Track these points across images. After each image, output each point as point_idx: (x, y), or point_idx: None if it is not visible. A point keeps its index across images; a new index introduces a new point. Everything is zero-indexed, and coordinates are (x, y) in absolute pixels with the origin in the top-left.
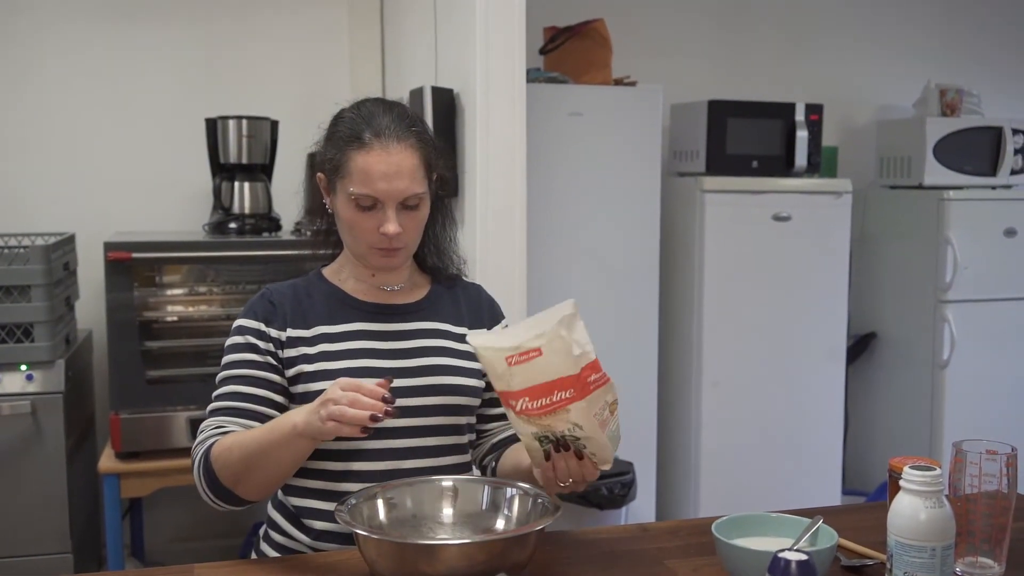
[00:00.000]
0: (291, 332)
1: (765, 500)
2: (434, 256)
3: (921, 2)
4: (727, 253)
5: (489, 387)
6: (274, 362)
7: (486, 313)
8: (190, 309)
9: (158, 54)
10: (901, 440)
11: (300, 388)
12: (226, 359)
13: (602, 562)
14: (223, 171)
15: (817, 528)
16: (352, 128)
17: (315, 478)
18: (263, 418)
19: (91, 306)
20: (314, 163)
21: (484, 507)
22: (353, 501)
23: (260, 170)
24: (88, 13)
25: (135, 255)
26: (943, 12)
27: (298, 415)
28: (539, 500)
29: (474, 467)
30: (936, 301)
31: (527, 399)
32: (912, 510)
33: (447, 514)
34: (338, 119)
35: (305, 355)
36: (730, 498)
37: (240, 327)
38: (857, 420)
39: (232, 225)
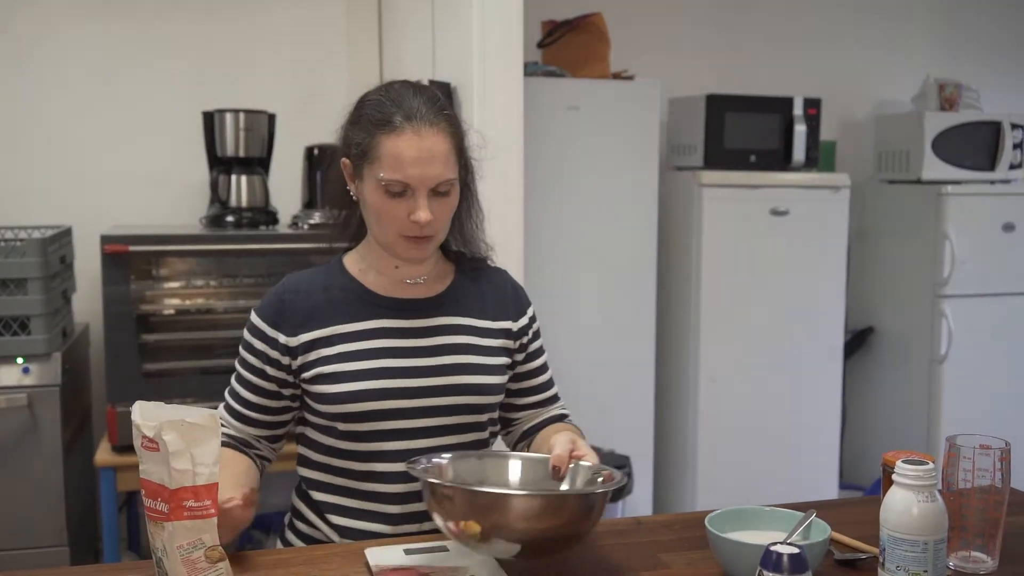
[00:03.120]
0: (304, 336)
1: (762, 494)
2: (460, 244)
3: None
4: (725, 247)
5: (514, 378)
6: (269, 370)
7: (511, 302)
8: (187, 302)
9: (155, 47)
10: (898, 435)
11: (318, 388)
12: (240, 356)
13: (596, 555)
14: (220, 164)
15: (810, 522)
16: (382, 111)
17: (338, 475)
18: (253, 422)
19: (88, 299)
20: (336, 147)
21: (545, 476)
22: (424, 463)
23: (257, 163)
24: (85, 6)
25: (132, 248)
26: (942, 6)
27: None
28: (601, 472)
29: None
30: (934, 296)
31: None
32: (905, 504)
33: (513, 481)
34: (365, 102)
35: (323, 357)
36: (727, 492)
37: (250, 323)
38: (854, 415)
39: (229, 218)
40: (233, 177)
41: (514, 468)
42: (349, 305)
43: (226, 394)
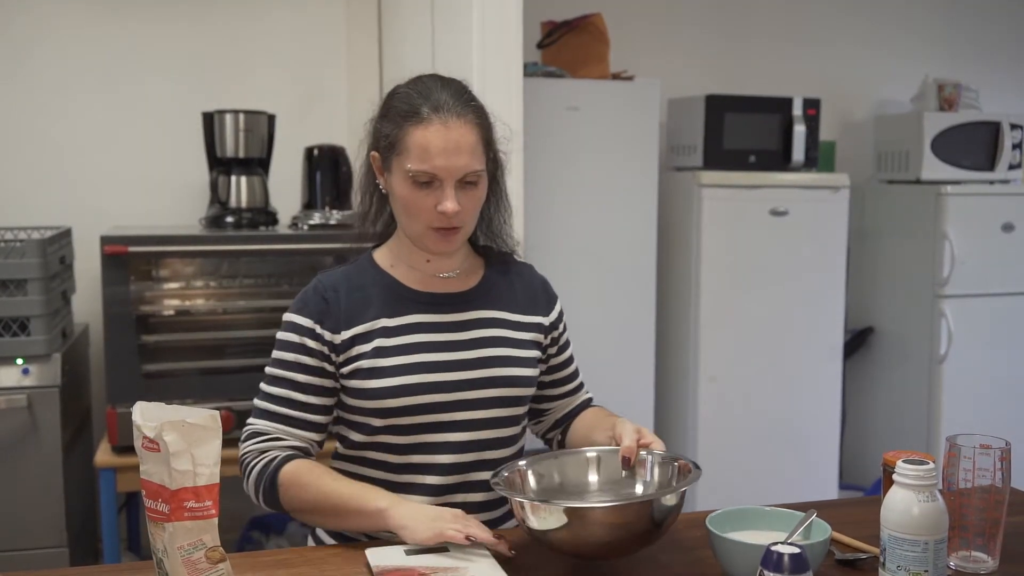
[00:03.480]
0: (346, 333)
1: (762, 495)
2: (488, 238)
3: None
4: (724, 248)
5: (547, 371)
6: (328, 367)
7: (541, 296)
8: (187, 303)
9: (155, 48)
10: (898, 435)
11: (357, 384)
12: (278, 355)
13: None
14: (220, 165)
15: (811, 522)
16: (409, 103)
17: (376, 468)
18: (315, 426)
19: (88, 300)
20: (366, 142)
21: (625, 475)
22: (505, 473)
23: (257, 164)
24: (85, 7)
25: (131, 249)
26: (941, 6)
27: (386, 501)
28: (676, 463)
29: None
30: (933, 296)
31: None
32: (905, 504)
33: (592, 482)
34: (393, 95)
35: (362, 352)
36: (727, 492)
37: (294, 324)
38: (854, 415)
39: (229, 219)
40: (233, 178)
41: (592, 467)
42: (385, 301)
43: (271, 407)
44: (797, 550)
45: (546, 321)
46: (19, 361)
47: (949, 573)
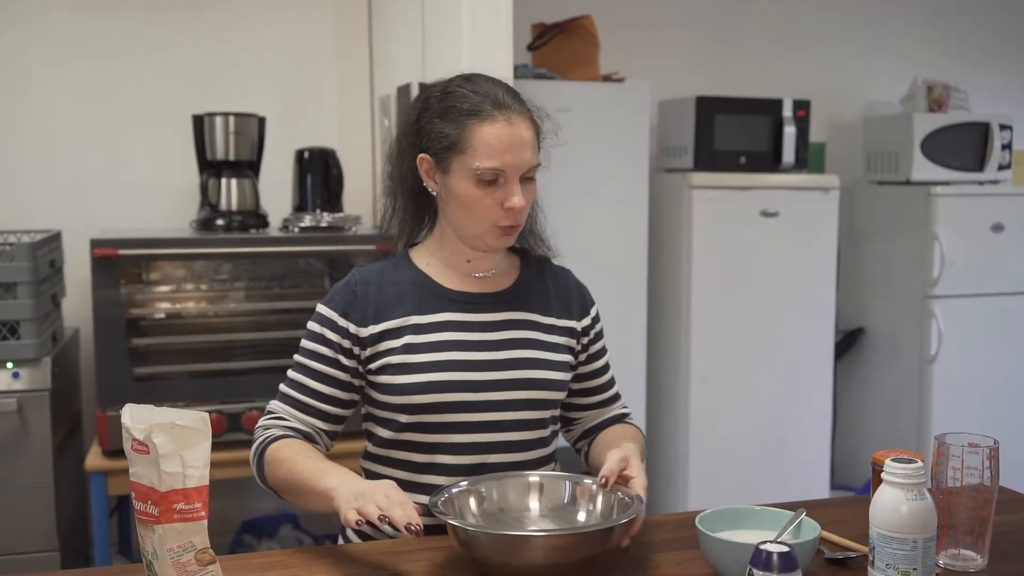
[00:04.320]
0: (374, 328)
1: (754, 495)
2: (522, 238)
3: None
4: (715, 249)
5: (577, 378)
6: (343, 359)
7: (575, 301)
8: (177, 306)
9: (144, 51)
10: (889, 435)
11: (384, 379)
12: (302, 344)
13: None
14: (210, 168)
15: (800, 521)
16: (470, 101)
17: (400, 468)
18: (322, 414)
19: (78, 303)
20: (403, 144)
21: (567, 501)
22: (445, 495)
23: (247, 167)
24: (74, 9)
25: (122, 252)
26: (930, 8)
27: (335, 479)
28: (619, 494)
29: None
30: (924, 296)
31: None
32: (894, 503)
33: (533, 507)
34: (445, 94)
35: (391, 348)
36: (719, 493)
37: (319, 315)
38: (845, 415)
39: (219, 222)
40: (223, 180)
41: (535, 492)
42: (418, 298)
43: (286, 389)
44: (786, 548)
45: (578, 327)
46: (9, 365)
47: (938, 571)
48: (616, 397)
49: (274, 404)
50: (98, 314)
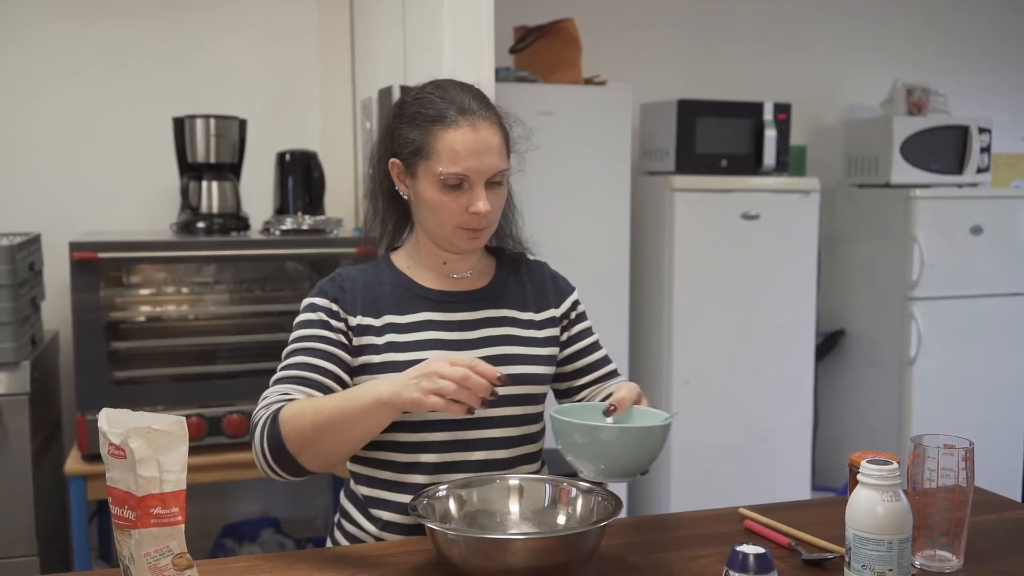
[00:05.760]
0: (360, 320)
1: (735, 496)
2: (497, 238)
3: (889, 3)
4: (697, 251)
5: (568, 360)
6: (345, 341)
7: (551, 290)
8: (157, 309)
9: (125, 52)
10: (869, 436)
11: (365, 379)
12: (296, 334)
13: None
14: (191, 170)
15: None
16: (435, 107)
17: (383, 468)
18: (330, 391)
19: (57, 307)
20: (381, 148)
21: (547, 504)
22: (425, 498)
23: (228, 169)
24: (53, 10)
25: (101, 255)
26: (910, 12)
27: (382, 385)
28: (600, 497)
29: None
30: (903, 299)
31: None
32: (869, 504)
33: (513, 510)
34: (414, 100)
35: (373, 345)
36: (700, 494)
37: (312, 304)
38: (826, 416)
39: (200, 224)
40: (204, 183)
41: (515, 495)
42: (399, 297)
43: (287, 372)
44: (762, 550)
45: (558, 313)
46: None
47: (914, 572)
48: (614, 373)
49: (270, 391)
50: (77, 317)
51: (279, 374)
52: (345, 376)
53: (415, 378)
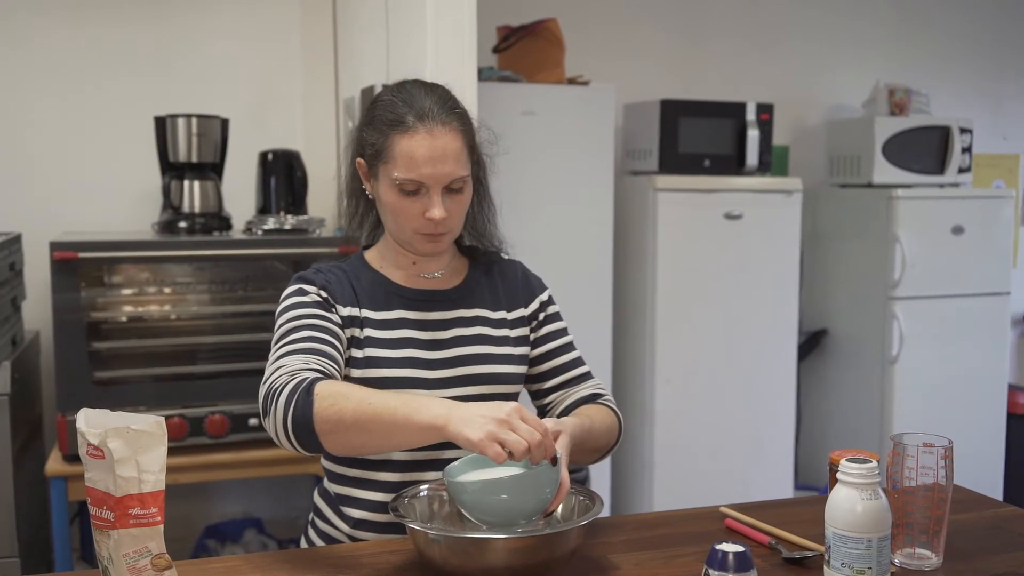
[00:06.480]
0: (350, 311)
1: (718, 495)
2: (473, 238)
3: (871, 3)
4: (680, 251)
5: (536, 361)
6: (339, 329)
7: (522, 290)
8: (139, 309)
9: (108, 52)
10: (852, 435)
11: (349, 371)
12: (291, 314)
13: None
14: (173, 170)
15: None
16: (394, 111)
17: (352, 466)
18: (339, 365)
19: (38, 307)
20: (353, 146)
21: None
22: (406, 499)
23: (210, 169)
24: (35, 9)
25: (82, 255)
26: (892, 13)
27: (438, 408)
28: (580, 496)
29: None
30: (885, 298)
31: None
32: (849, 502)
33: None
34: (378, 102)
35: (354, 338)
36: (683, 493)
37: (301, 289)
38: (809, 415)
39: (182, 224)
40: (186, 183)
41: None
42: (375, 294)
43: (297, 344)
44: (741, 548)
45: (526, 313)
46: None
47: (893, 570)
48: (585, 376)
49: (284, 362)
50: (58, 317)
51: (284, 349)
52: (340, 350)
53: (484, 418)
